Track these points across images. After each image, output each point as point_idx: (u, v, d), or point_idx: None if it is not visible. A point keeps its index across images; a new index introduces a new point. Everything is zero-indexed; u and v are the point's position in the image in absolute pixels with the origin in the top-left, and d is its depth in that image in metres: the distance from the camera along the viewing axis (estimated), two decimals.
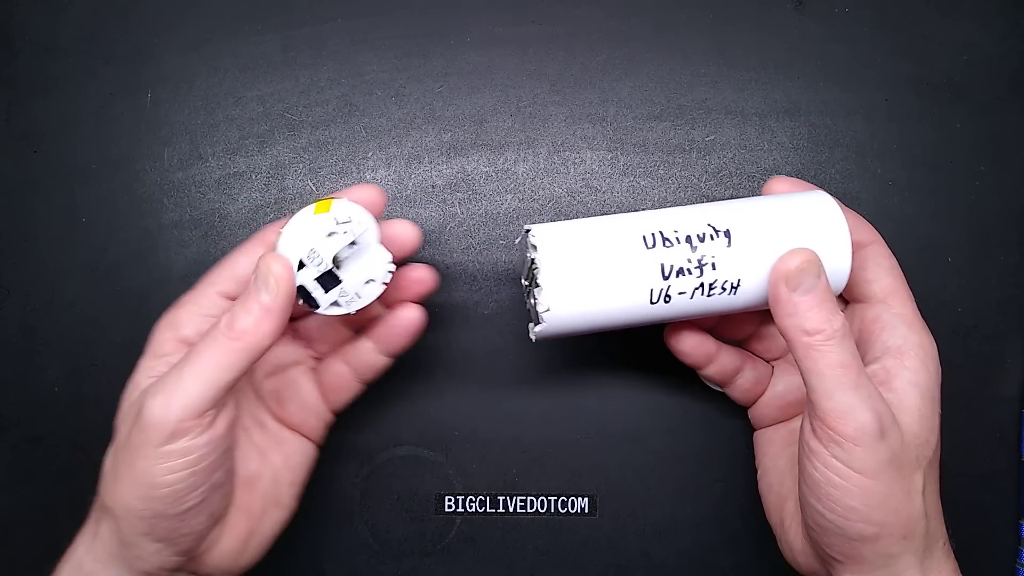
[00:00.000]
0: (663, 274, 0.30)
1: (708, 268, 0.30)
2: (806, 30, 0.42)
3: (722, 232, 0.31)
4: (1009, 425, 0.41)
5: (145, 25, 0.42)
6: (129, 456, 0.29)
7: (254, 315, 0.29)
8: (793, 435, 0.35)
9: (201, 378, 0.28)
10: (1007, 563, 0.41)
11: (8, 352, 0.40)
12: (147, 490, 0.28)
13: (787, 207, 0.32)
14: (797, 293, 0.29)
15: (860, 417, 0.28)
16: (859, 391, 0.28)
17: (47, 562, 0.34)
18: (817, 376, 0.28)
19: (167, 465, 0.28)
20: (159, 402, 0.28)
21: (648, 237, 0.30)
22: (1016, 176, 0.41)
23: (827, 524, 0.29)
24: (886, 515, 0.28)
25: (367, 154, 0.41)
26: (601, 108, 0.41)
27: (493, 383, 0.41)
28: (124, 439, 0.29)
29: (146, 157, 0.41)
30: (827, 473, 0.28)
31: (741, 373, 0.36)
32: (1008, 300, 0.41)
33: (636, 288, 0.30)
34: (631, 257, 0.30)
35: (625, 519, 0.40)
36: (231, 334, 0.29)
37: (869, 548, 0.29)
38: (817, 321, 0.29)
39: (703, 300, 0.31)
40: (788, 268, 0.29)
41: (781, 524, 0.33)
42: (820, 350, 0.28)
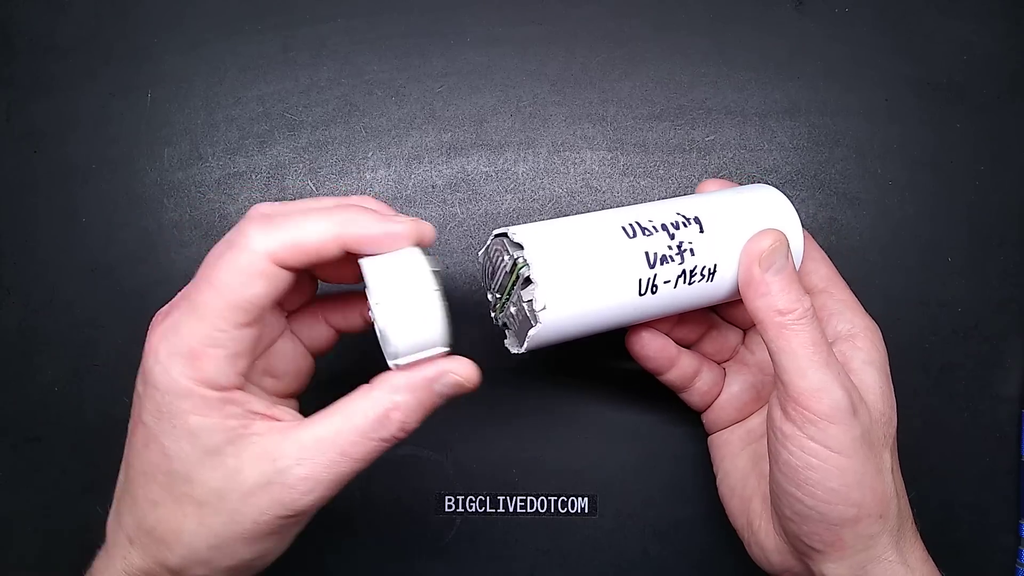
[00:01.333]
0: (648, 262, 0.30)
1: (687, 254, 0.30)
2: (806, 30, 0.42)
3: (692, 219, 0.31)
4: (1009, 425, 0.41)
5: (145, 25, 0.42)
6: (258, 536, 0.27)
7: (425, 416, 0.28)
8: (751, 434, 0.36)
9: (353, 472, 0.27)
10: (1007, 563, 0.41)
11: (8, 352, 0.40)
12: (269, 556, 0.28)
13: (741, 198, 0.32)
14: (769, 273, 0.30)
15: (834, 394, 0.28)
16: (830, 369, 0.29)
17: (47, 562, 0.34)
18: (790, 356, 0.29)
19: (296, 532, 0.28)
20: (314, 498, 0.27)
21: (627, 228, 0.30)
22: (1016, 176, 0.41)
23: (807, 511, 0.29)
24: (863, 494, 0.29)
25: (367, 154, 0.41)
26: (601, 108, 0.41)
27: (493, 383, 0.41)
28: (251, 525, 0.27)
29: (146, 157, 0.41)
30: (804, 456, 0.29)
31: (699, 376, 0.36)
32: (1008, 300, 0.41)
33: (625, 280, 0.30)
34: (616, 248, 0.30)
35: (625, 519, 0.40)
36: (400, 435, 0.27)
37: (850, 531, 0.29)
38: (789, 301, 0.29)
39: (685, 290, 0.31)
40: (761, 248, 0.30)
41: (749, 526, 0.33)
42: (793, 329, 0.29)
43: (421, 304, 0.27)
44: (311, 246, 0.26)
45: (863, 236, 0.41)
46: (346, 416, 0.27)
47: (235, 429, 0.26)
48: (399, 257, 0.28)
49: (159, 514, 0.27)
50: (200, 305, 0.26)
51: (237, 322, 0.26)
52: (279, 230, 0.26)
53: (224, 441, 0.26)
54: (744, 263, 0.30)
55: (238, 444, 0.26)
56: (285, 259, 0.26)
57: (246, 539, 0.27)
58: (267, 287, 0.26)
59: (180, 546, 0.27)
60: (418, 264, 0.27)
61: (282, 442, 0.26)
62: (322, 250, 0.26)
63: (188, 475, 0.26)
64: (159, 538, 0.27)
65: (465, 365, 0.28)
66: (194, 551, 0.27)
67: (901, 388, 0.33)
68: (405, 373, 0.27)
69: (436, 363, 0.28)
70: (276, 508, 0.26)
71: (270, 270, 0.26)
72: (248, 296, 0.26)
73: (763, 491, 0.33)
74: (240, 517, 0.26)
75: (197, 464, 0.26)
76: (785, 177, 0.41)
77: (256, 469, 0.26)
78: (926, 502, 0.40)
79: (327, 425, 0.27)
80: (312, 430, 0.27)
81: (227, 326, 0.26)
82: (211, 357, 0.26)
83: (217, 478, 0.26)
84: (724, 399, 0.36)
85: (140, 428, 0.27)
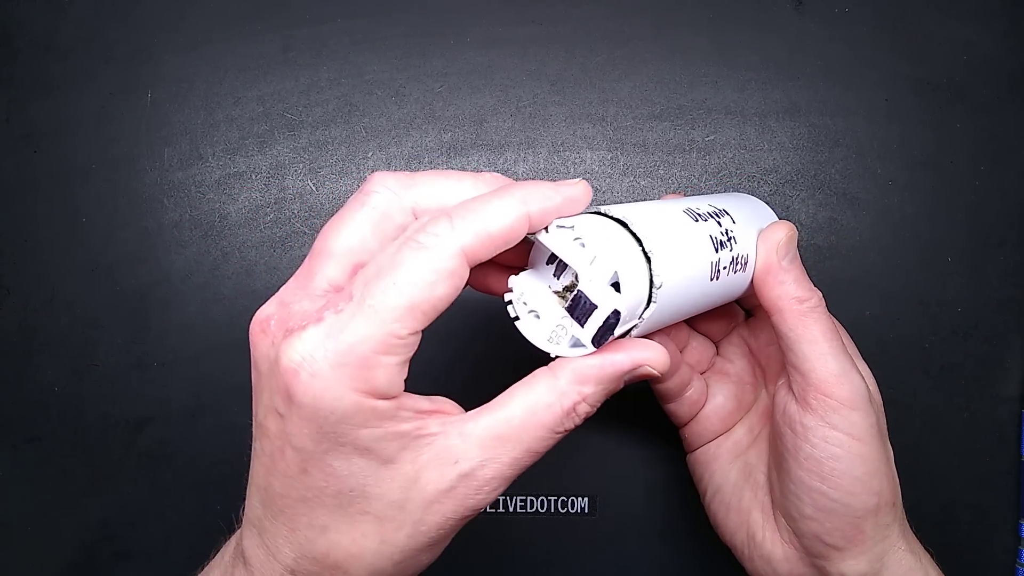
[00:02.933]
0: (714, 245, 0.29)
1: (733, 242, 0.30)
2: (806, 30, 0.42)
3: (723, 210, 0.31)
4: (1009, 425, 0.41)
5: (145, 25, 0.42)
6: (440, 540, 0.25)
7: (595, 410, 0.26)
8: (737, 445, 0.35)
9: (532, 463, 0.25)
10: (1007, 563, 0.41)
11: (8, 352, 0.40)
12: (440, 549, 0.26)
13: (736, 198, 0.33)
14: (786, 261, 0.30)
15: (854, 380, 0.29)
16: (847, 357, 0.29)
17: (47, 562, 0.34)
18: (810, 343, 0.29)
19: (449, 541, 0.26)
20: (495, 494, 0.25)
21: (690, 214, 0.29)
22: (1016, 176, 0.41)
23: (832, 505, 0.29)
24: (882, 482, 0.29)
25: (367, 154, 0.41)
26: (601, 108, 0.41)
27: (493, 383, 0.41)
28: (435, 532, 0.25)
29: (146, 157, 0.41)
30: (827, 447, 0.29)
31: (691, 384, 0.35)
32: (1008, 300, 0.41)
33: (704, 261, 0.28)
34: (693, 231, 0.28)
35: (625, 519, 0.40)
36: (580, 423, 0.25)
37: (871, 522, 0.29)
38: (806, 289, 0.30)
39: (731, 279, 0.31)
40: (778, 237, 0.31)
41: (751, 540, 0.33)
42: (813, 316, 0.29)
43: (638, 269, 0.25)
44: (502, 234, 0.24)
45: (863, 236, 0.41)
46: (529, 409, 0.24)
47: (409, 433, 0.24)
48: (597, 223, 0.25)
49: (331, 539, 0.24)
50: (377, 308, 0.22)
51: (416, 327, 0.23)
52: (467, 223, 0.23)
53: (399, 448, 0.24)
54: (763, 252, 0.31)
55: (414, 449, 0.24)
56: (478, 254, 0.23)
57: (429, 546, 0.25)
58: (453, 288, 0.23)
59: (361, 568, 0.24)
60: (617, 230, 0.25)
61: (462, 443, 0.24)
62: (511, 236, 0.24)
63: (364, 491, 0.24)
64: (334, 564, 0.24)
65: (659, 353, 0.26)
66: (378, 570, 0.24)
67: (901, 388, 0.33)
68: (597, 362, 0.25)
69: (628, 351, 0.25)
70: (462, 511, 0.24)
71: (459, 269, 0.23)
72: (434, 298, 0.23)
73: (761, 501, 0.33)
74: (424, 527, 0.24)
75: (373, 478, 0.24)
76: (785, 177, 0.41)
77: (437, 474, 0.24)
78: (926, 502, 0.41)
79: (507, 419, 0.24)
80: (492, 425, 0.24)
81: (406, 331, 0.23)
82: (384, 366, 0.23)
83: (396, 489, 0.24)
84: (709, 409, 0.36)
85: (290, 452, 0.24)
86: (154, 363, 0.40)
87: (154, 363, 0.40)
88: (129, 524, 0.40)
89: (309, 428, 0.23)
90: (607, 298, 0.24)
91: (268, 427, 0.24)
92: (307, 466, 0.23)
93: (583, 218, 0.25)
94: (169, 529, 0.40)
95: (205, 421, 0.40)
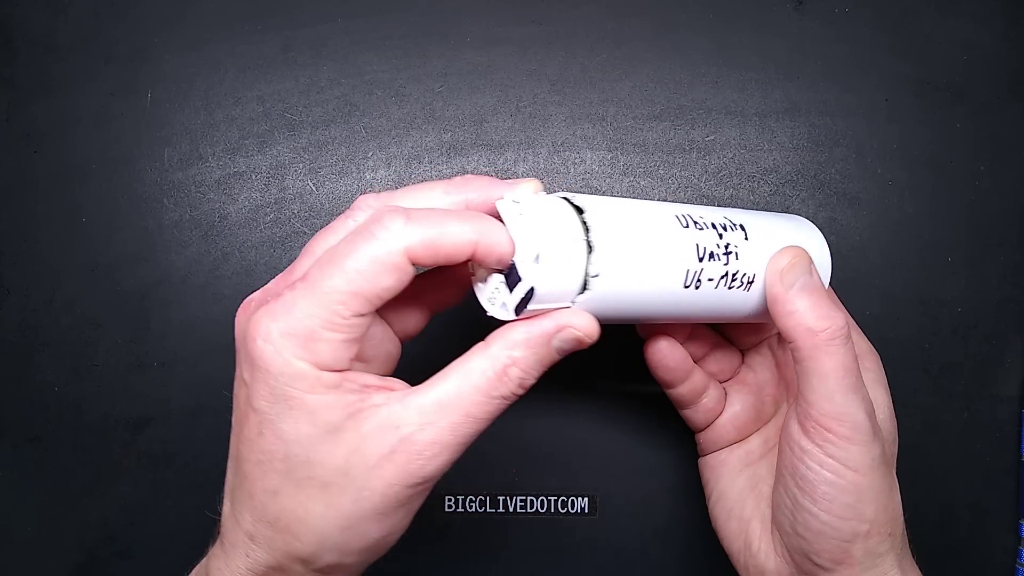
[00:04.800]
0: (698, 255, 0.29)
1: (732, 257, 0.30)
2: (806, 30, 0.42)
3: (739, 225, 0.31)
4: (1009, 425, 0.41)
5: (145, 25, 0.42)
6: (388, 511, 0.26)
7: (543, 372, 0.27)
8: (749, 455, 0.35)
9: (476, 432, 0.26)
10: (1007, 563, 0.41)
11: (8, 352, 0.40)
12: (399, 530, 0.27)
13: (782, 220, 0.32)
14: (793, 290, 0.29)
15: (856, 418, 0.28)
16: (858, 393, 0.29)
17: (47, 562, 0.34)
18: (820, 377, 0.28)
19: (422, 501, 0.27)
20: (440, 462, 0.26)
21: (681, 218, 0.29)
22: (1016, 176, 0.41)
23: (821, 527, 0.29)
24: (877, 511, 0.29)
25: (367, 154, 0.41)
26: (601, 108, 0.41)
27: None
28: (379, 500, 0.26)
29: (146, 157, 0.41)
30: (821, 472, 0.29)
31: (706, 392, 0.35)
32: (1008, 300, 0.41)
33: (675, 266, 0.28)
34: (671, 233, 0.29)
35: (625, 519, 0.40)
36: (520, 392, 0.27)
37: (860, 547, 0.29)
38: (818, 318, 0.29)
39: (724, 294, 0.30)
40: (780, 264, 0.30)
41: (747, 548, 0.33)
42: (825, 350, 0.28)
43: (566, 253, 0.26)
44: (447, 249, 0.26)
45: (863, 236, 0.41)
46: (464, 376, 0.26)
47: (353, 403, 0.26)
48: (550, 202, 0.27)
49: (281, 503, 0.26)
50: (324, 289, 0.25)
51: (358, 311, 0.25)
52: (420, 226, 0.25)
53: (344, 416, 0.25)
54: (768, 280, 0.30)
55: (358, 418, 0.25)
56: (420, 257, 0.25)
57: (376, 515, 0.26)
58: (396, 281, 0.25)
59: (309, 533, 0.26)
60: (566, 214, 0.27)
61: (402, 410, 0.25)
62: (455, 253, 0.26)
63: (308, 457, 0.25)
64: (284, 528, 0.26)
65: (584, 318, 0.27)
66: (325, 536, 0.26)
67: (901, 388, 0.33)
68: (524, 328, 0.26)
69: (553, 316, 0.27)
70: (404, 477, 0.25)
71: (404, 265, 0.25)
72: (377, 287, 0.25)
73: (762, 513, 0.33)
74: (368, 492, 0.25)
75: (317, 444, 0.25)
76: (785, 177, 0.41)
77: (379, 440, 0.25)
78: (926, 502, 0.41)
79: (446, 387, 0.26)
80: (432, 394, 0.26)
81: (348, 313, 0.25)
82: (327, 341, 0.25)
83: (340, 455, 0.25)
84: (725, 418, 0.36)
85: (251, 416, 0.26)
86: (154, 363, 0.40)
87: (154, 363, 0.40)
88: (129, 524, 0.40)
89: (264, 391, 0.25)
90: (530, 274, 0.26)
91: (238, 395, 0.26)
92: (262, 428, 0.26)
93: (545, 198, 0.27)
94: (169, 529, 0.40)
95: (205, 421, 0.40)
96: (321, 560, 0.26)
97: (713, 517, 0.35)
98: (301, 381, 0.25)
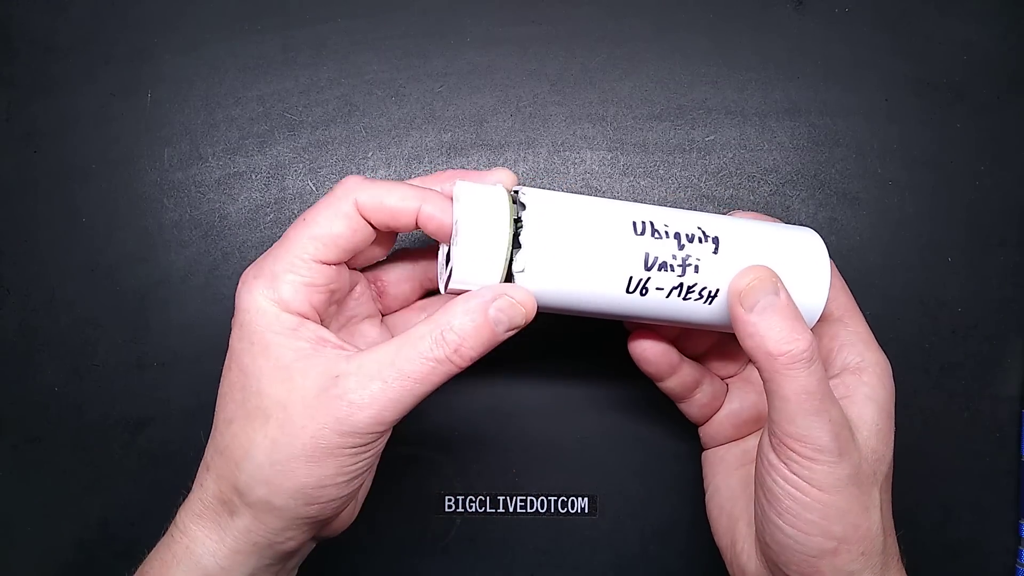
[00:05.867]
0: (646, 264, 0.29)
1: (691, 270, 0.29)
2: (806, 30, 0.42)
3: (711, 238, 0.30)
4: (1009, 425, 0.41)
5: (145, 25, 0.42)
6: (318, 456, 0.27)
7: (484, 344, 0.28)
8: (747, 454, 0.35)
9: (417, 395, 0.28)
10: (1007, 563, 0.41)
11: (8, 352, 0.40)
12: (325, 488, 0.28)
13: (774, 233, 0.32)
14: (754, 313, 0.28)
15: (820, 441, 0.28)
16: (820, 416, 0.28)
17: (47, 562, 0.34)
18: (781, 400, 0.28)
19: (356, 465, 0.28)
20: (371, 414, 0.27)
21: (638, 224, 0.29)
22: (1016, 176, 0.41)
23: (786, 540, 0.29)
24: (845, 529, 0.28)
25: (367, 154, 0.41)
26: (601, 108, 0.41)
27: (493, 383, 0.41)
28: (312, 439, 0.27)
29: (146, 157, 0.41)
30: (786, 487, 0.28)
31: (700, 388, 0.35)
32: (1008, 300, 0.41)
33: (615, 272, 0.29)
34: (617, 238, 0.29)
35: (625, 519, 0.40)
36: (457, 359, 0.28)
37: (828, 563, 0.29)
38: (778, 342, 0.28)
39: (678, 303, 0.30)
40: (739, 286, 0.29)
41: (733, 547, 0.33)
42: (785, 375, 0.28)
43: (493, 238, 0.28)
44: (391, 208, 0.29)
45: (863, 236, 0.41)
46: (406, 338, 0.28)
47: (305, 349, 0.28)
48: (489, 191, 0.29)
49: (232, 431, 0.28)
50: (289, 237, 0.29)
51: (316, 255, 0.29)
52: (371, 185, 0.29)
53: (294, 359, 0.28)
54: (729, 301, 0.29)
55: (306, 362, 0.28)
56: (369, 210, 0.29)
57: (305, 455, 0.27)
58: (348, 229, 0.29)
59: (247, 462, 0.28)
60: (501, 202, 0.29)
61: (345, 362, 0.28)
62: (399, 215, 0.29)
63: (259, 388, 0.28)
64: (229, 456, 0.28)
65: (522, 292, 0.28)
66: (258, 466, 0.27)
67: (901, 388, 0.33)
68: (464, 296, 0.28)
69: (492, 287, 0.28)
70: (333, 422, 0.27)
71: (352, 214, 0.29)
72: (331, 232, 0.29)
73: (749, 514, 0.33)
74: (299, 430, 0.27)
75: (268, 377, 0.28)
76: (785, 177, 0.41)
77: (317, 382, 0.27)
78: (926, 502, 0.41)
79: (388, 347, 0.28)
80: (375, 353, 0.28)
81: (307, 256, 0.28)
82: (287, 281, 0.28)
83: (283, 390, 0.27)
84: (723, 415, 0.36)
85: (228, 353, 0.29)
86: (154, 363, 0.40)
87: (154, 363, 0.40)
88: (129, 524, 0.40)
89: (237, 331, 0.29)
90: (453, 255, 0.29)
91: (231, 344, 0.29)
92: (231, 363, 0.29)
93: (492, 189, 0.29)
94: None
95: (205, 421, 0.40)
96: (252, 493, 0.28)
97: (708, 511, 0.36)
98: (263, 317, 0.28)
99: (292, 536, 0.29)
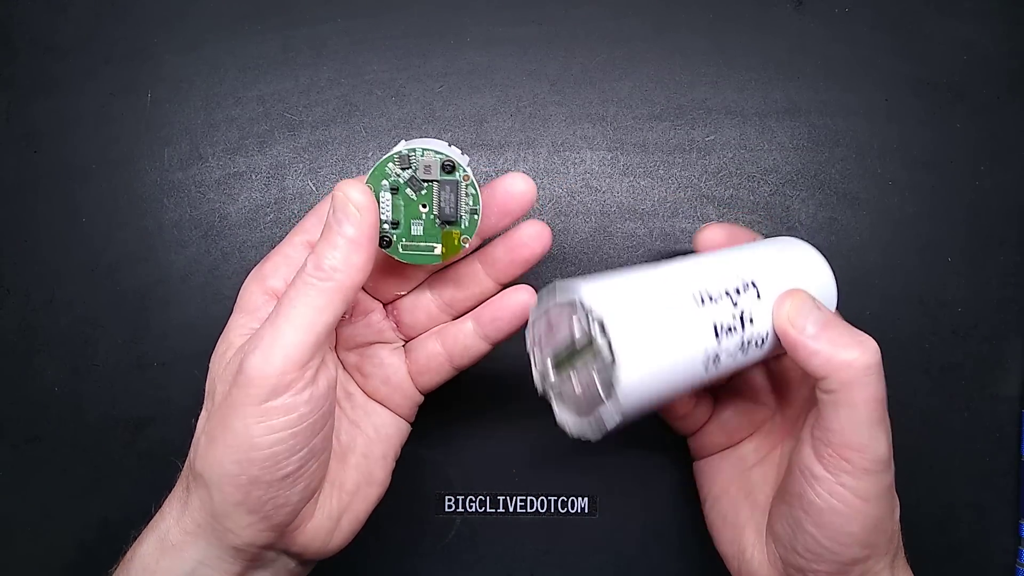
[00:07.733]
0: (716, 333, 0.28)
1: (748, 323, 0.29)
2: (806, 30, 0.42)
3: (751, 284, 0.29)
4: (1009, 425, 0.41)
5: (145, 25, 0.42)
6: (227, 417, 0.27)
7: (340, 249, 0.27)
8: (742, 461, 0.35)
9: (297, 325, 0.27)
10: (1007, 563, 0.41)
11: (8, 352, 0.40)
12: (245, 452, 0.26)
13: (781, 257, 0.32)
14: (807, 333, 0.28)
15: (879, 451, 0.28)
16: (883, 424, 0.28)
17: (47, 562, 0.34)
18: (850, 408, 0.27)
19: (268, 424, 0.26)
20: (258, 357, 0.26)
21: (696, 296, 0.28)
22: (1016, 176, 0.41)
23: (822, 551, 0.29)
24: (878, 537, 0.29)
25: (367, 154, 0.41)
26: (601, 108, 0.41)
27: (493, 383, 0.41)
28: (221, 400, 0.28)
29: (146, 157, 0.41)
30: (831, 500, 0.28)
31: (696, 401, 0.35)
32: (1008, 300, 0.41)
33: (696, 357, 0.28)
34: (690, 322, 0.28)
35: (625, 519, 0.40)
36: (320, 274, 0.27)
37: (859, 569, 0.29)
38: (848, 348, 0.27)
39: (740, 359, 0.29)
40: (786, 312, 0.29)
41: (741, 554, 0.33)
42: (862, 382, 0.27)
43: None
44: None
45: (863, 236, 0.41)
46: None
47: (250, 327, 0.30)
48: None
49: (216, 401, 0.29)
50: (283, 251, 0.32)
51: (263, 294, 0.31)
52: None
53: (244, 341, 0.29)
54: (780, 331, 0.29)
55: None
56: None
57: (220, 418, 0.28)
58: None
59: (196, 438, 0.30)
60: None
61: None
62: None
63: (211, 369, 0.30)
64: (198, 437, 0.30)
65: (353, 186, 0.28)
66: (196, 439, 0.30)
67: (901, 388, 0.33)
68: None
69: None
70: (231, 376, 0.28)
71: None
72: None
73: (757, 522, 0.33)
74: (218, 396, 0.29)
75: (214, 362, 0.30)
76: (785, 177, 0.41)
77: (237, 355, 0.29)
78: (926, 502, 0.41)
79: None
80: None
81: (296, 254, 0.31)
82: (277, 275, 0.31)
83: (218, 367, 0.30)
84: (714, 425, 0.36)
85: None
86: (154, 363, 0.40)
87: (154, 363, 0.40)
88: (129, 524, 0.40)
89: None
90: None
91: None
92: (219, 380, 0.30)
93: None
94: None
95: None
96: (194, 467, 0.29)
97: (708, 521, 0.35)
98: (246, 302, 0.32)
99: (234, 525, 0.27)
